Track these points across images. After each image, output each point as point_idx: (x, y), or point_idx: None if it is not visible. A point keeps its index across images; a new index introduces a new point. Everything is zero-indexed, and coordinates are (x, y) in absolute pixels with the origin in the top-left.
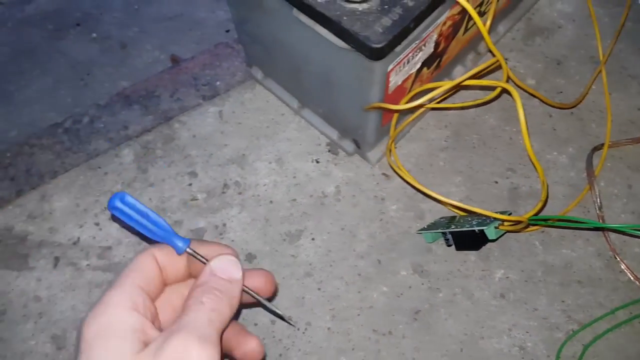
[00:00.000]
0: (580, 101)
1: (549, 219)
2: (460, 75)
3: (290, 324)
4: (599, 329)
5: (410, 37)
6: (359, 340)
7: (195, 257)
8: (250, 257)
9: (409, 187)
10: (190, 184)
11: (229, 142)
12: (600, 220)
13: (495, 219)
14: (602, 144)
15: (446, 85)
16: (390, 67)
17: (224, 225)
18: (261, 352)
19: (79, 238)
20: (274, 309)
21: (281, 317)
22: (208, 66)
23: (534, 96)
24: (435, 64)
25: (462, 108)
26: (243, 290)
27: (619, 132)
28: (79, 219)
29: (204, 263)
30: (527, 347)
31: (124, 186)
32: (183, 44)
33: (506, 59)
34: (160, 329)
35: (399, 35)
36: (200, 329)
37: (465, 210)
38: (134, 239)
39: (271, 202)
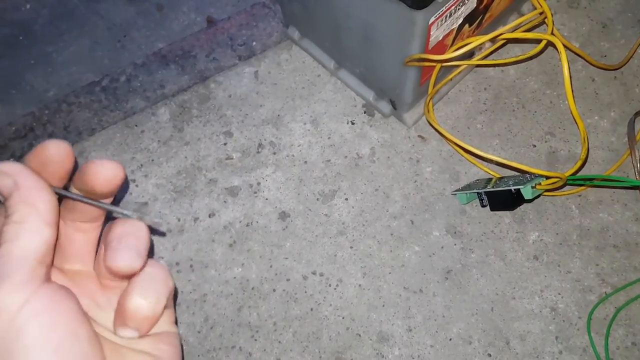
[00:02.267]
0: (625, 64)
1: (588, 178)
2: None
3: (159, 231)
4: (632, 292)
5: None
6: (389, 297)
7: None
8: (283, 216)
9: (444, 149)
10: (225, 143)
11: (265, 102)
12: None
13: (535, 174)
14: None
15: (489, 36)
16: (432, 19)
17: (259, 184)
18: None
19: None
20: (111, 208)
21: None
22: (244, 26)
23: (578, 55)
24: (477, 21)
25: (505, 64)
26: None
27: None
28: None
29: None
30: (558, 308)
31: (160, 144)
32: (219, 5)
33: None
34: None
35: None
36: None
37: (505, 165)
38: (170, 195)
39: (305, 162)
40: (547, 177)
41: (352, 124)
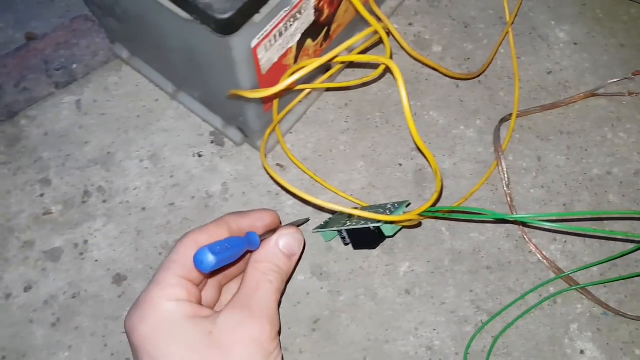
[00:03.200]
0: (487, 68)
1: (442, 211)
2: (356, 46)
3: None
4: (508, 317)
5: (273, 3)
6: None
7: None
8: (119, 279)
9: (306, 177)
10: (42, 195)
11: (91, 138)
12: (508, 199)
13: (378, 221)
14: (510, 114)
15: (315, 63)
16: (255, 42)
17: (86, 242)
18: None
19: None
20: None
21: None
22: (62, 45)
23: (434, 69)
24: (323, 34)
25: (347, 88)
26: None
27: (529, 100)
28: None
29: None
30: (434, 347)
31: None
32: (44, 18)
33: (410, 24)
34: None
35: (255, 2)
36: (269, 310)
37: (348, 214)
38: None
39: (144, 209)
40: (393, 222)
41: (200, 156)
